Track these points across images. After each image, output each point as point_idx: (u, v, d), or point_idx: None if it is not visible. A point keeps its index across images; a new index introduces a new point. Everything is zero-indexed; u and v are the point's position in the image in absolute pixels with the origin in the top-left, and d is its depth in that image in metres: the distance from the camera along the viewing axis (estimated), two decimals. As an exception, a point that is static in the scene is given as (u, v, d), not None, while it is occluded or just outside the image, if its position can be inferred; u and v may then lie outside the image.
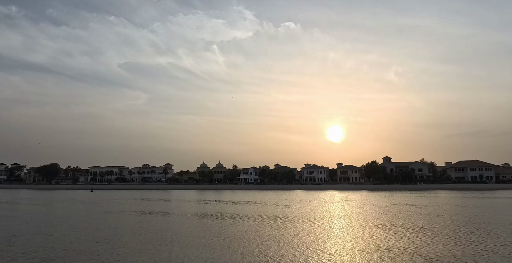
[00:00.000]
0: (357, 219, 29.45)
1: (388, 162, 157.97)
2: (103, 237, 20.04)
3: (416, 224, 25.23)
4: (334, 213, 34.71)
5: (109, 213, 35.07)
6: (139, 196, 73.18)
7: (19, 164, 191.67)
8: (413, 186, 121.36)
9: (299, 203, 49.07)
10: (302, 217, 30.99)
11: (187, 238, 19.56)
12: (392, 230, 22.36)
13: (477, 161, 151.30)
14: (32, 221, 28.94)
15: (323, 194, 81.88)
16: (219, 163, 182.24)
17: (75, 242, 18.39)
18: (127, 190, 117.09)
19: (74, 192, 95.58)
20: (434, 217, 29.72)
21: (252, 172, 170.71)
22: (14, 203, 51.07)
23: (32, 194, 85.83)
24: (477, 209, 37.38)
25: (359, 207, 41.51)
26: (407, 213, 33.49)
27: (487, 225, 24.90)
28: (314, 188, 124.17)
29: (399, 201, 51.64)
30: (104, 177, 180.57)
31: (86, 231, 22.64)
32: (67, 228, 23.86)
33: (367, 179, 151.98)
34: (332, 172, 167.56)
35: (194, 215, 33.46)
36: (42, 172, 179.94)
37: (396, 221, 27.44)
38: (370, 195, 73.18)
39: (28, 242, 18.59)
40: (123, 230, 22.84)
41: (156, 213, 35.18)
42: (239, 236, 20.18)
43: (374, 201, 52.33)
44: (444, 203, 46.89)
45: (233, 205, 45.41)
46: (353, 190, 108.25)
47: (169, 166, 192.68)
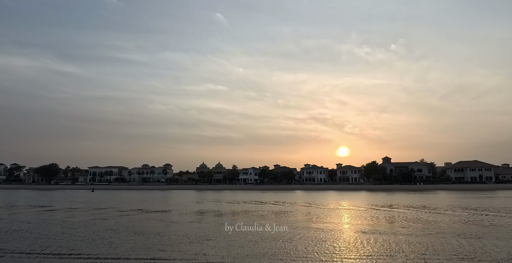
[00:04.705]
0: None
1: (388, 162, 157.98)
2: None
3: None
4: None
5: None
6: (163, 195, 72.93)
7: (18, 164, 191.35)
8: (412, 186, 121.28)
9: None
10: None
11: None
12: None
13: (476, 161, 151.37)
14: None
15: (324, 196, 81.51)
16: (218, 163, 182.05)
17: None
18: (127, 190, 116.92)
19: (80, 192, 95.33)
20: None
21: (251, 172, 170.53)
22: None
23: (46, 194, 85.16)
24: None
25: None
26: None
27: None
28: (314, 188, 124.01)
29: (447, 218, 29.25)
30: (103, 177, 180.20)
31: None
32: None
33: (366, 179, 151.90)
34: (331, 172, 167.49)
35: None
36: (41, 172, 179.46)
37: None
38: (389, 199, 58.79)
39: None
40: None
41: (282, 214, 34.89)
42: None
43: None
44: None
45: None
46: (353, 190, 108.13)
47: (168, 166, 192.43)
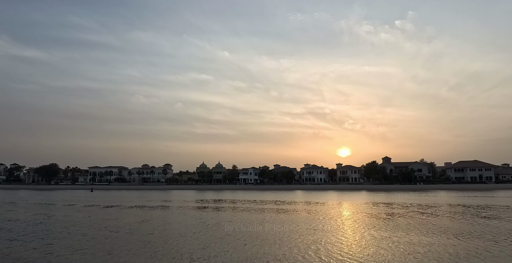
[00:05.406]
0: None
1: (388, 162, 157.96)
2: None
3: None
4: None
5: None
6: (196, 196, 72.91)
7: (18, 164, 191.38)
8: (412, 186, 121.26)
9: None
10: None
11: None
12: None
13: (476, 161, 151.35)
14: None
15: (325, 196, 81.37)
16: (218, 163, 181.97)
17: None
18: (127, 190, 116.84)
19: (80, 192, 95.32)
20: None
21: (251, 172, 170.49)
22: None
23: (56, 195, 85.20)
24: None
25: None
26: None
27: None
28: (314, 188, 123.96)
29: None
30: (103, 177, 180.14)
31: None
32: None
33: (366, 179, 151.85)
34: (331, 172, 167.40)
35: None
36: (41, 172, 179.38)
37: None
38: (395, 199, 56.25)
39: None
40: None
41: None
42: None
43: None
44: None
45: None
46: (353, 190, 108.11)
47: (168, 166, 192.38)
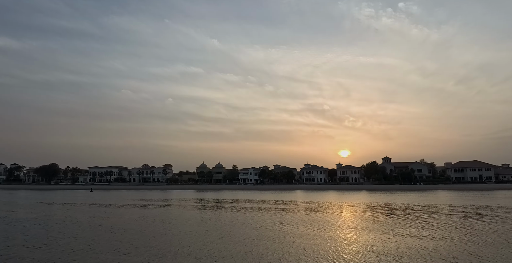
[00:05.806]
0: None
1: (388, 162, 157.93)
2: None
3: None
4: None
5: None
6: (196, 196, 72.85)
7: (18, 164, 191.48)
8: (412, 186, 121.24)
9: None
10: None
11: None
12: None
13: (476, 161, 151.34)
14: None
15: (325, 196, 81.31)
16: (218, 163, 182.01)
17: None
18: (127, 190, 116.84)
19: (83, 193, 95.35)
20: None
21: (251, 172, 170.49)
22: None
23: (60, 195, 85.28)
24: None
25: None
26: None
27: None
28: (314, 188, 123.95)
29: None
30: (103, 177, 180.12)
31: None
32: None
33: (366, 179, 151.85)
34: (331, 172, 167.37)
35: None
36: (41, 172, 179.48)
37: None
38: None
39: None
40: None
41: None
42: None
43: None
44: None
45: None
46: (353, 190, 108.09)
47: (168, 166, 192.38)
